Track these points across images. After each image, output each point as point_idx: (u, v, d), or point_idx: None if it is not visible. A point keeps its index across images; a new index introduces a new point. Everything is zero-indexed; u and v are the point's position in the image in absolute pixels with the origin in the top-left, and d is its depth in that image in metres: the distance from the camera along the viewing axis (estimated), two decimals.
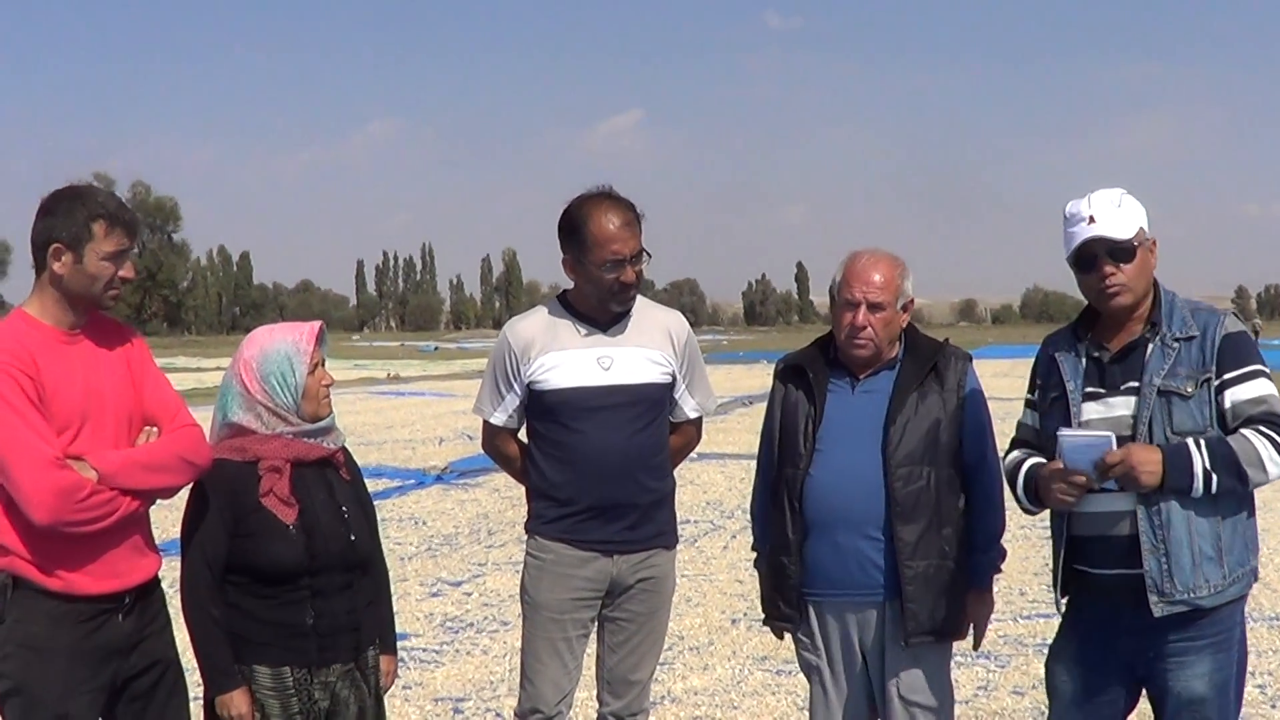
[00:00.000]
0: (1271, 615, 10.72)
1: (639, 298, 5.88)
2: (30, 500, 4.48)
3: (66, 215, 4.72)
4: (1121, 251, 4.94)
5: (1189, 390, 4.84)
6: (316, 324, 5.13)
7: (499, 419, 5.90)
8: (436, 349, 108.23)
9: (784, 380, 5.73)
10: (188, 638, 4.93)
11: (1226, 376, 4.83)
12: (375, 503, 15.22)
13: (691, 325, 6.07)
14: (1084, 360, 5.09)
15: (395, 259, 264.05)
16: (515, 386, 5.81)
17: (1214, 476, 4.71)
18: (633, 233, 5.66)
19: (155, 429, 4.93)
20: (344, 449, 5.24)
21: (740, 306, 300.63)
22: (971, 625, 5.55)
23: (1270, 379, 4.84)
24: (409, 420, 31.92)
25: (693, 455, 6.62)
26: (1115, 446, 4.74)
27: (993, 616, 5.71)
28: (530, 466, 5.89)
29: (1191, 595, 4.81)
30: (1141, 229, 4.96)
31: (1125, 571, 4.89)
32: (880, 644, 5.46)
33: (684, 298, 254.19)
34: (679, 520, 6.02)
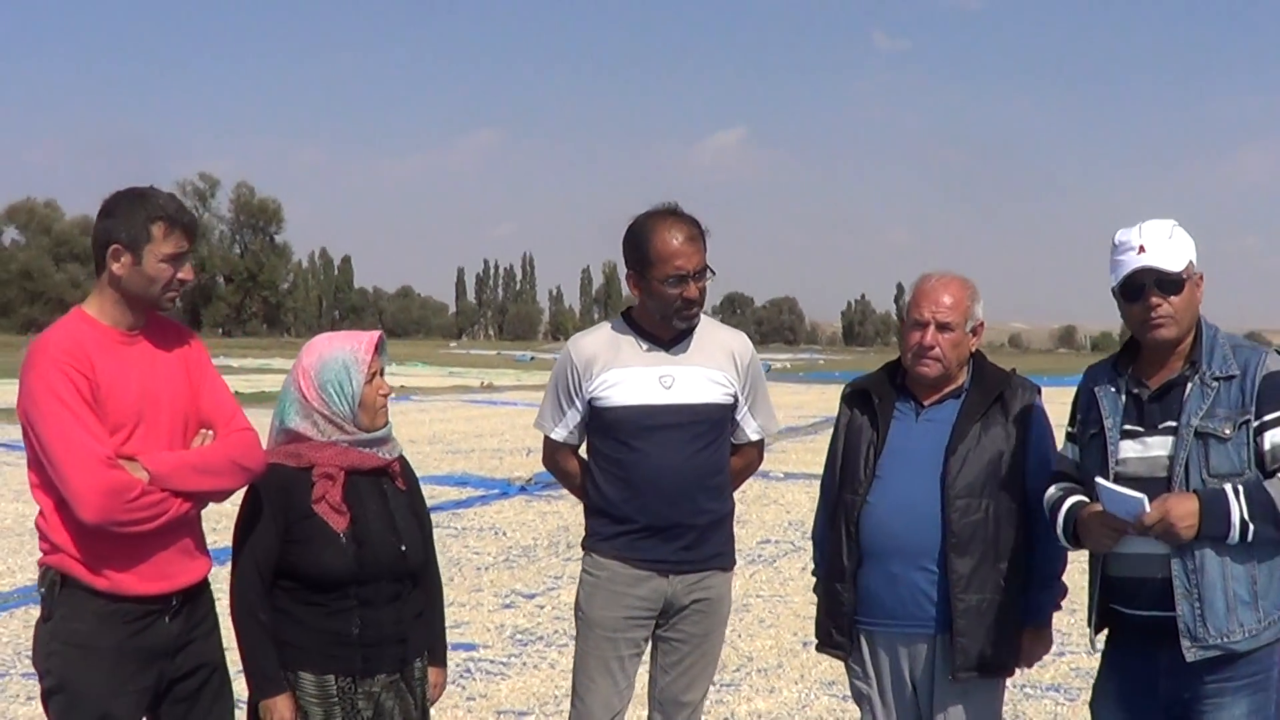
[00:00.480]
0: None
1: (704, 317, 5.84)
2: (80, 498, 4.49)
3: (126, 216, 4.74)
4: (1170, 283, 4.86)
5: (1227, 432, 4.75)
6: (375, 334, 5.12)
7: (560, 434, 5.88)
8: (533, 359, 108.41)
9: (850, 404, 5.69)
10: (235, 641, 4.93)
11: (1266, 418, 4.74)
12: (457, 511, 15.18)
13: (789, 344, 6.03)
14: (1123, 397, 5.02)
15: (496, 268, 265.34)
16: (577, 402, 5.79)
17: (1250, 526, 4.63)
18: (696, 248, 5.62)
19: (210, 432, 4.93)
20: (401, 459, 5.22)
21: (839, 326, 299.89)
22: (1025, 660, 5.46)
23: None
24: (499, 430, 31.90)
25: (778, 474, 6.61)
26: (1149, 506, 4.65)
27: (1065, 649, 5.63)
28: (589, 483, 5.85)
29: (1225, 640, 4.73)
30: (1190, 262, 4.89)
31: (1160, 614, 4.81)
32: (930, 677, 5.39)
33: (783, 315, 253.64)
34: (760, 540, 5.97)
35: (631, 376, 5.68)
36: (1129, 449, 4.93)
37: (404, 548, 5.03)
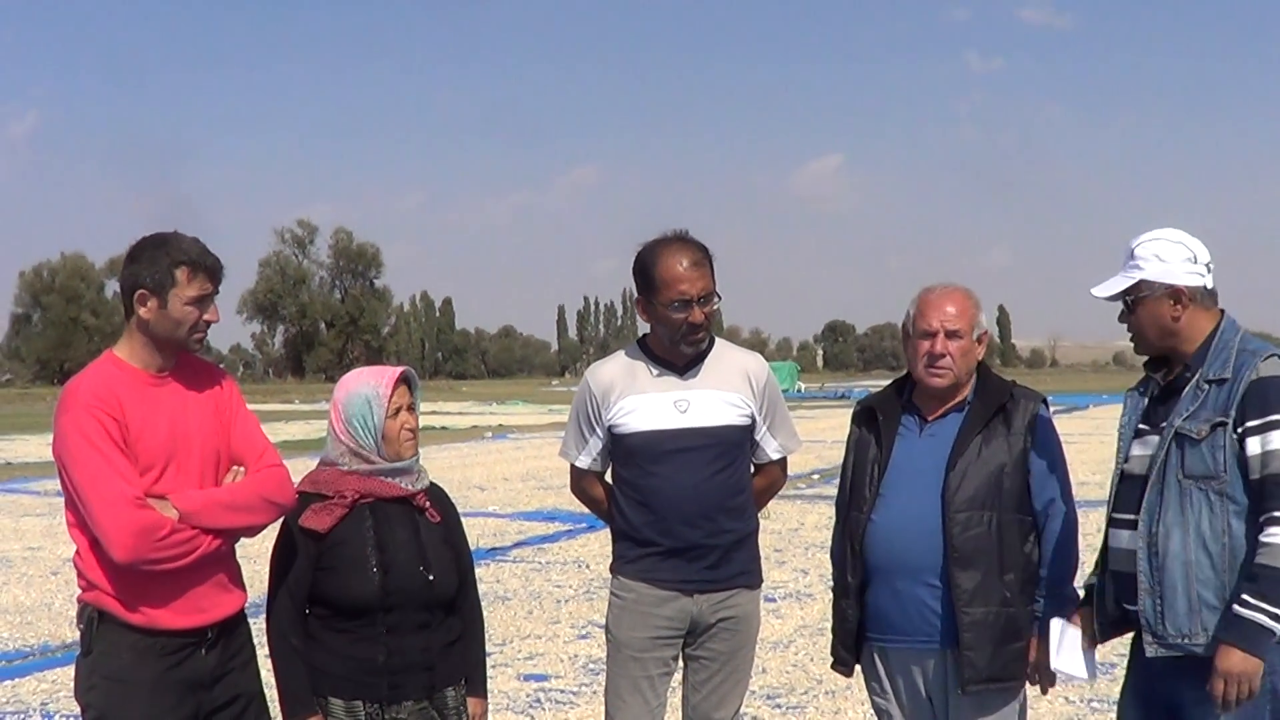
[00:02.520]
0: None
1: (718, 340, 5.94)
2: (110, 539, 4.66)
3: (150, 262, 4.89)
4: (1126, 304, 5.08)
5: (1201, 434, 4.80)
6: (399, 369, 5.28)
7: (584, 462, 6.02)
8: None
9: (858, 423, 5.75)
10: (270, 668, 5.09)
11: (1248, 424, 4.76)
12: (543, 546, 15.32)
13: (893, 370, 6.08)
14: (1146, 398, 5.13)
15: (596, 304, 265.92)
16: (598, 430, 5.92)
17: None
18: (701, 273, 5.71)
19: (241, 469, 5.08)
20: (434, 490, 5.37)
21: None
22: (1038, 672, 5.47)
23: None
24: None
25: None
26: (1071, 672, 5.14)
27: (1110, 656, 5.64)
28: (614, 508, 5.98)
29: (1186, 641, 4.80)
30: (1145, 281, 5.01)
31: (1134, 611, 4.93)
32: (944, 690, 5.44)
33: (885, 342, 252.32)
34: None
35: (647, 403, 5.79)
36: (1136, 448, 5.07)
37: (432, 577, 5.15)
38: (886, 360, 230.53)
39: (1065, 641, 5.23)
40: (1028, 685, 5.53)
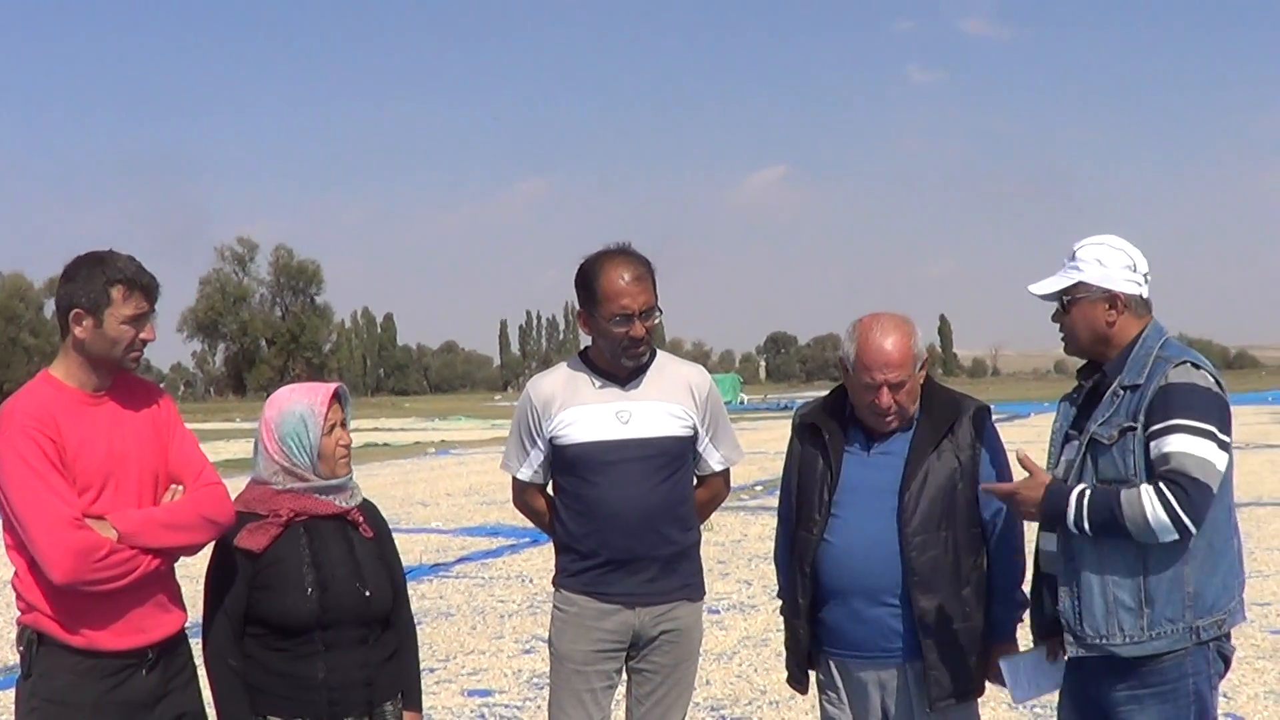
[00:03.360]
0: None
1: (660, 352, 5.95)
2: (48, 560, 4.62)
3: (86, 281, 4.85)
4: (1061, 303, 5.17)
5: (1111, 438, 4.89)
6: (333, 385, 5.24)
7: (525, 474, 6.00)
8: None
9: (800, 436, 5.72)
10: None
11: (1152, 429, 4.83)
12: (486, 561, 15.29)
13: (835, 380, 6.07)
14: (1076, 406, 5.23)
15: (539, 318, 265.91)
16: (539, 442, 5.90)
17: (1085, 520, 4.79)
18: (643, 288, 5.70)
19: (180, 487, 5.05)
20: (367, 508, 5.34)
21: None
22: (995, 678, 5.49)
23: (1199, 434, 4.77)
24: None
25: None
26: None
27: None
28: (555, 520, 5.97)
29: (1104, 641, 4.87)
30: (1083, 283, 5.09)
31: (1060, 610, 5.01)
32: (907, 706, 5.46)
33: (827, 353, 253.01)
34: None
35: (589, 414, 5.78)
36: (1066, 453, 5.15)
37: (368, 593, 5.12)
38: (829, 371, 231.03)
39: (1021, 671, 5.30)
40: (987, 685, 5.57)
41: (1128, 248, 5.10)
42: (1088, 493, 4.82)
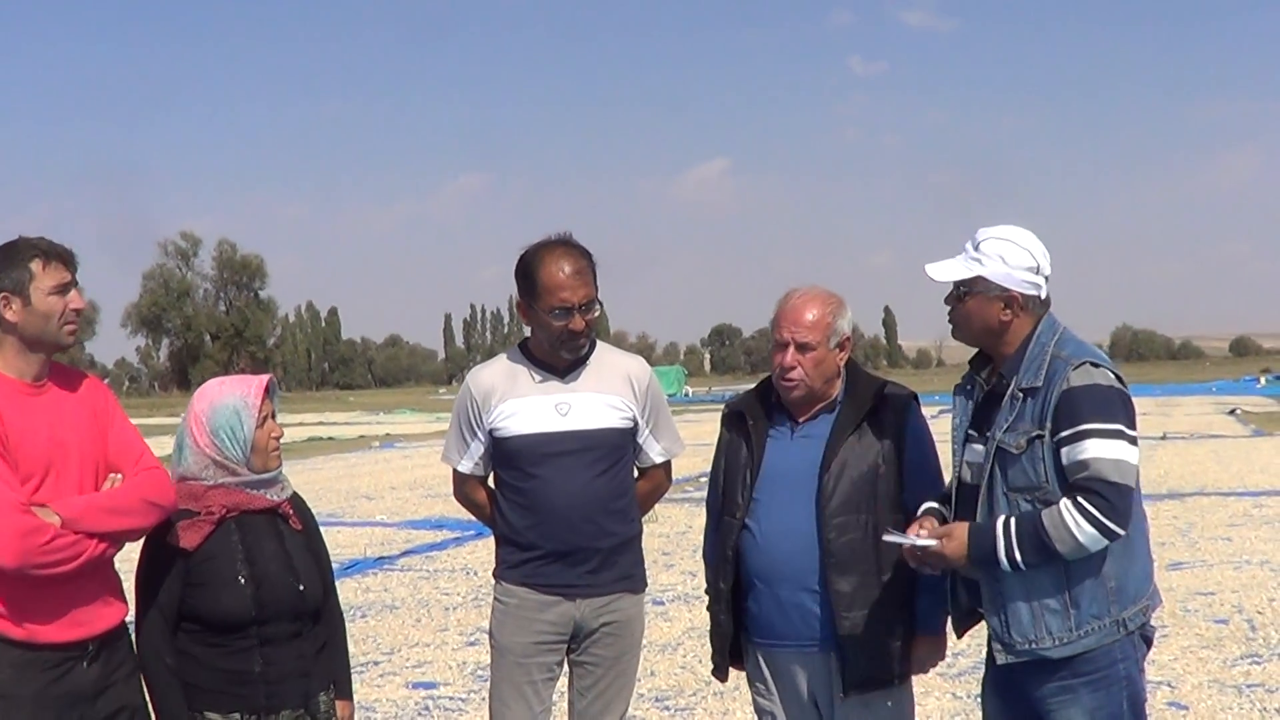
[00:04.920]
0: None
1: (600, 344, 5.93)
2: None
3: (5, 264, 4.83)
4: (957, 291, 5.11)
5: (1020, 446, 4.86)
6: (265, 377, 5.20)
7: (465, 466, 5.97)
8: None
9: (727, 425, 5.72)
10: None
11: (1060, 435, 4.79)
12: (431, 554, 15.30)
13: None
14: (972, 402, 5.20)
15: (483, 312, 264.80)
16: (479, 434, 5.88)
17: (1017, 557, 4.75)
18: (584, 281, 5.69)
19: (119, 475, 5.00)
20: (296, 499, 5.31)
21: None
22: (918, 667, 5.52)
23: (1110, 436, 4.75)
24: None
25: None
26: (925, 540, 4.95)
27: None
28: (496, 513, 5.96)
29: (1034, 646, 4.87)
30: (982, 278, 5.03)
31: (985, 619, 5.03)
32: (829, 693, 5.43)
33: (770, 344, 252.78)
34: None
35: (528, 406, 5.76)
36: (969, 454, 5.11)
37: (302, 587, 5.10)
38: (772, 364, 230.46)
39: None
40: (914, 681, 5.57)
41: (1033, 246, 5.03)
42: (1013, 521, 4.78)
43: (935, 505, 5.13)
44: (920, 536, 4.95)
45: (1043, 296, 5.05)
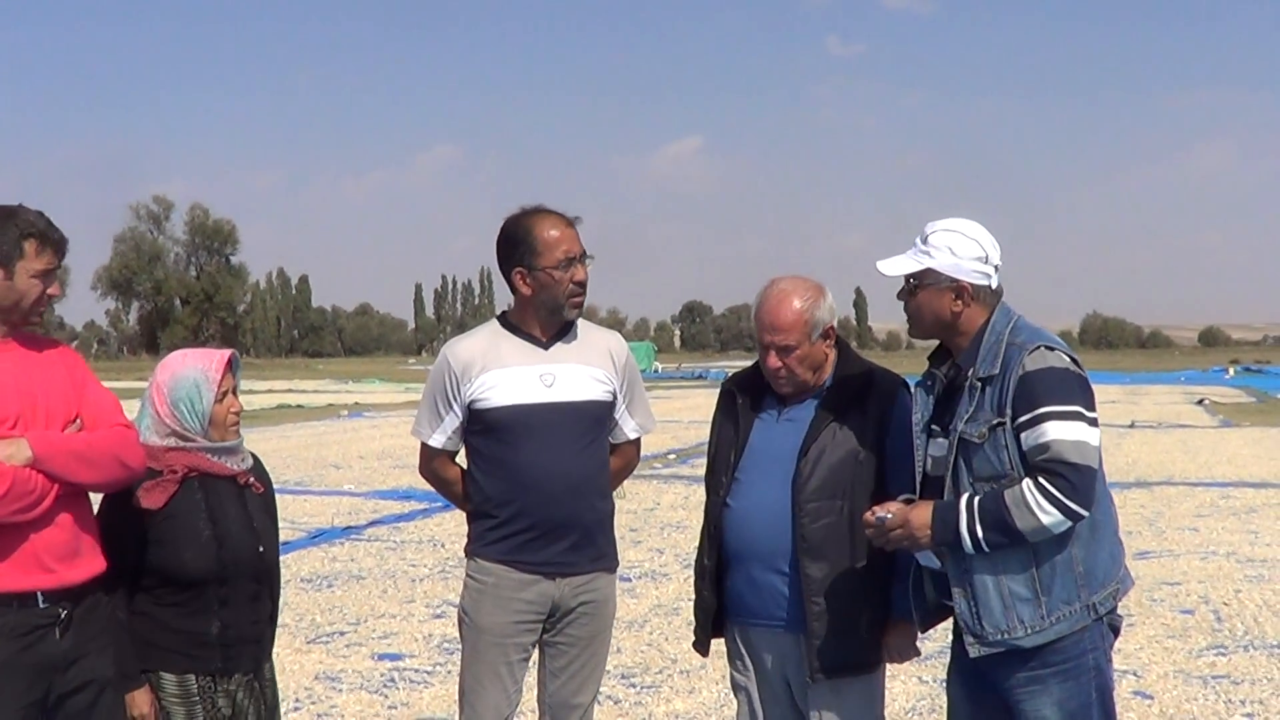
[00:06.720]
0: (1274, 643, 10.65)
1: (579, 319, 5.87)
2: None
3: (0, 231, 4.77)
4: (908, 285, 5.12)
5: (982, 436, 4.85)
6: (227, 352, 5.20)
7: (437, 441, 5.86)
8: None
9: (721, 404, 5.71)
10: None
11: (1020, 420, 4.79)
12: (398, 525, 15.33)
13: (749, 350, 6.07)
14: (933, 396, 5.18)
15: (454, 283, 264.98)
16: (455, 407, 5.78)
17: (981, 536, 4.75)
18: (576, 234, 5.70)
19: (80, 421, 4.92)
20: (256, 465, 5.34)
21: None
22: (892, 656, 5.51)
23: (1068, 418, 4.75)
24: None
25: None
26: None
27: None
28: (471, 487, 5.86)
29: (1006, 636, 4.85)
30: (932, 270, 5.03)
31: (952, 605, 4.99)
32: (800, 675, 5.42)
33: (742, 323, 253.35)
34: (697, 544, 5.97)
35: (512, 376, 5.68)
36: (932, 448, 5.09)
37: (261, 549, 5.15)
38: (743, 341, 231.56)
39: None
40: (886, 667, 5.56)
41: (981, 237, 5.03)
42: (976, 499, 4.78)
43: (909, 496, 5.10)
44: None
45: (994, 286, 5.05)
